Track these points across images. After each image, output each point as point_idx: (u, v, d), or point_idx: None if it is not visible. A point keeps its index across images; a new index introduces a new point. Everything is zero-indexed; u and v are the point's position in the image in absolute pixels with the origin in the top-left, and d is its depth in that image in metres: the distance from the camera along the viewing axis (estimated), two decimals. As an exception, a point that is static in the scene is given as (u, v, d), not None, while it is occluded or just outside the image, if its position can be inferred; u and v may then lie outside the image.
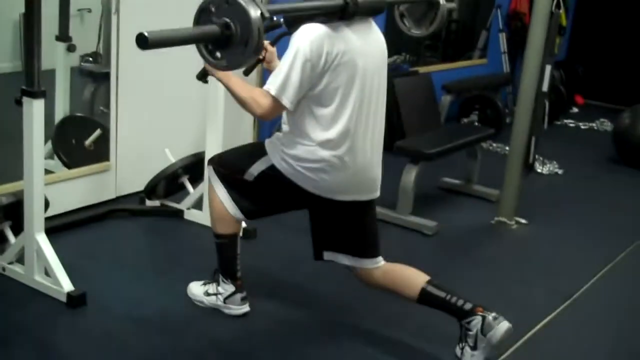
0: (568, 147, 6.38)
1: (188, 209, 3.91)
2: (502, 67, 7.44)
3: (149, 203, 3.96)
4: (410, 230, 4.07)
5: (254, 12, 1.92)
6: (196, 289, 3.00)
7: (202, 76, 2.68)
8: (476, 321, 2.57)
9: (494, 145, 5.99)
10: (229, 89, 2.47)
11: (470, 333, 2.59)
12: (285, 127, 2.59)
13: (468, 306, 2.60)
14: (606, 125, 7.34)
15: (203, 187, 3.82)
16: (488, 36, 7.41)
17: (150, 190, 3.92)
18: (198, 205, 3.87)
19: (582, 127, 7.38)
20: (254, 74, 4.27)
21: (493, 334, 2.55)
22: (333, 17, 2.37)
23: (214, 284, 2.95)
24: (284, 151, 2.55)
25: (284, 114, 2.56)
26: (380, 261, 2.76)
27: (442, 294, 2.64)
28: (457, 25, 7.53)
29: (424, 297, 2.66)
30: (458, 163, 4.85)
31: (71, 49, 4.13)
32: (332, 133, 2.46)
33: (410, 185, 4.05)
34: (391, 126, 5.51)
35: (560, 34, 8.03)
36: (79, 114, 4.27)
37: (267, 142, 2.67)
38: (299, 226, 2.93)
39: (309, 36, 2.34)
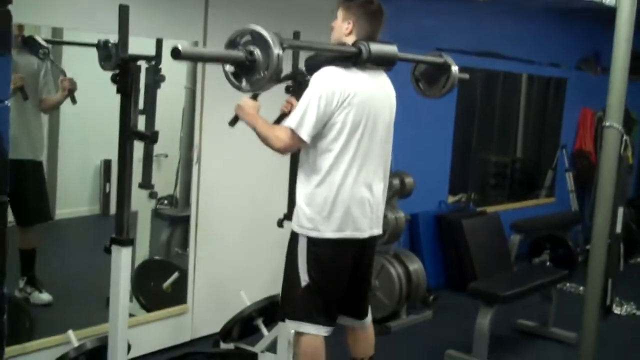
0: (645, 288, 6.19)
1: (262, 352, 3.91)
2: (570, 205, 7.42)
3: (223, 346, 3.99)
4: (487, 376, 3.98)
5: (275, 42, 2.29)
6: None
7: (233, 122, 2.99)
8: None
9: (568, 285, 5.87)
10: (254, 128, 2.74)
11: None
12: (300, 179, 2.81)
13: None
14: (683, 261, 7.15)
15: (277, 330, 3.85)
16: (554, 175, 7.44)
17: (226, 333, 3.96)
18: (272, 348, 3.87)
19: (657, 264, 7.19)
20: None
21: None
22: (348, 62, 2.66)
23: None
24: (304, 210, 2.76)
25: (301, 160, 2.79)
26: None
27: None
28: (521, 164, 7.61)
29: None
30: (532, 303, 4.76)
31: (152, 195, 4.34)
32: (341, 166, 2.69)
33: (486, 328, 3.99)
34: (461, 266, 5.51)
35: (628, 172, 8.01)
36: (157, 257, 4.41)
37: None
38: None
39: (324, 77, 2.63)
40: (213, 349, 4.00)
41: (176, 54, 2.19)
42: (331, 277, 2.84)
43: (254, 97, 3.03)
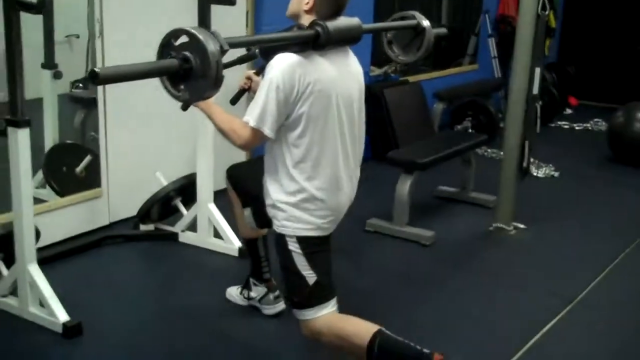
0: (563, 149, 6.34)
1: (182, 231, 3.87)
2: (494, 72, 7.43)
3: (143, 227, 3.93)
4: (407, 241, 4.04)
5: (212, 46, 1.92)
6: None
7: (185, 107, 2.64)
8: None
9: (489, 150, 5.97)
10: (210, 118, 2.45)
11: None
12: (267, 176, 2.48)
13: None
14: (600, 125, 7.31)
15: (196, 208, 3.80)
16: (477, 42, 7.40)
17: (144, 214, 3.89)
18: (192, 227, 3.84)
19: (577, 128, 7.35)
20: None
21: None
22: (306, 46, 2.34)
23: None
24: (279, 205, 2.42)
25: (266, 152, 2.49)
26: None
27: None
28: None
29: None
30: (454, 171, 4.82)
31: (57, 76, 4.12)
32: (309, 162, 2.40)
33: (405, 195, 4.02)
34: (384, 137, 5.50)
35: (550, 35, 8.03)
36: (68, 141, 4.23)
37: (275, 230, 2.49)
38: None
39: (280, 66, 2.31)
40: (132, 231, 3.94)
41: (94, 77, 1.75)
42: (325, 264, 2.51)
43: None
